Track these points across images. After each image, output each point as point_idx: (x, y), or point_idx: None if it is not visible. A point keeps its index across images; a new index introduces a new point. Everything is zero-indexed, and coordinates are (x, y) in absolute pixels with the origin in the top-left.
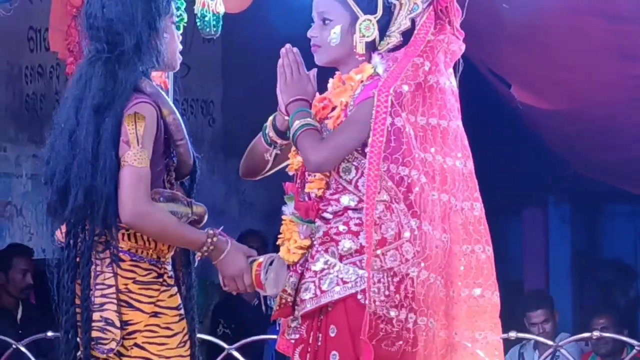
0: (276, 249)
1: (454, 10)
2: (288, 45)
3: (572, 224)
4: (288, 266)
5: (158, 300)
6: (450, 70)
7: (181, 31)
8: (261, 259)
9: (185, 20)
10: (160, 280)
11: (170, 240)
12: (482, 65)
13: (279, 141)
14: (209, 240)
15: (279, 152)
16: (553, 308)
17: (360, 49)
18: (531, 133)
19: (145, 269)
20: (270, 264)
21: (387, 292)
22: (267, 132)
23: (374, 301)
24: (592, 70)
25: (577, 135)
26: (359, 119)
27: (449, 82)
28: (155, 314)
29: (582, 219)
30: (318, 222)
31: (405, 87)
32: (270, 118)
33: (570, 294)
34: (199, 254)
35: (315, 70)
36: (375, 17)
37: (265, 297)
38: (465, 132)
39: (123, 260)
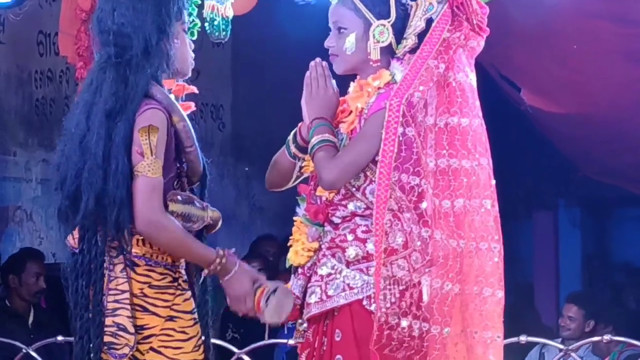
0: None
1: (472, 6)
2: (318, 59)
3: (583, 228)
4: (296, 270)
5: (173, 304)
6: (471, 68)
7: (195, 37)
8: (265, 285)
9: (199, 25)
10: (176, 284)
11: (180, 253)
12: (492, 68)
13: (301, 156)
14: (218, 260)
15: (302, 165)
16: (590, 317)
17: (375, 55)
18: (541, 136)
19: (161, 274)
20: (274, 292)
21: (392, 300)
22: (289, 146)
23: (381, 308)
24: (602, 73)
25: (587, 139)
26: (370, 133)
27: (469, 79)
28: (170, 318)
29: (592, 222)
30: (327, 227)
31: (418, 95)
32: (292, 133)
33: None
34: (206, 270)
35: None
36: (389, 22)
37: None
38: None
39: (138, 265)
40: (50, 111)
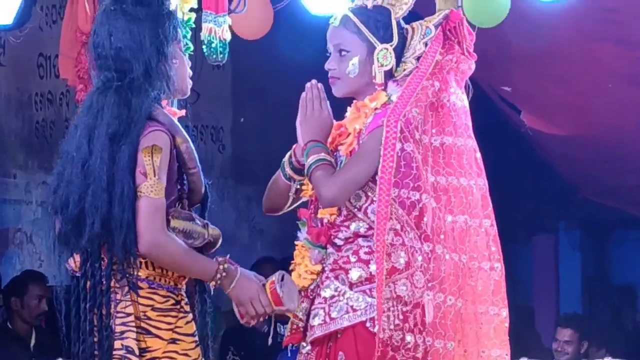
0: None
1: (463, 32)
2: (314, 81)
3: (583, 250)
4: (299, 290)
5: (176, 327)
6: (462, 90)
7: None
8: (272, 277)
9: (192, 49)
10: (178, 307)
11: (184, 270)
12: (492, 91)
13: (296, 177)
14: (221, 267)
15: (299, 187)
16: (584, 338)
17: (380, 78)
18: (541, 159)
19: (164, 296)
20: (282, 279)
21: (396, 322)
22: (285, 168)
23: (384, 329)
24: (602, 95)
25: (587, 161)
26: (369, 150)
27: (460, 101)
28: (173, 341)
29: (592, 244)
30: (329, 249)
31: (416, 111)
32: (287, 155)
33: None
34: (212, 282)
35: None
36: (391, 45)
37: (275, 324)
38: None
39: (141, 288)
40: (51, 134)
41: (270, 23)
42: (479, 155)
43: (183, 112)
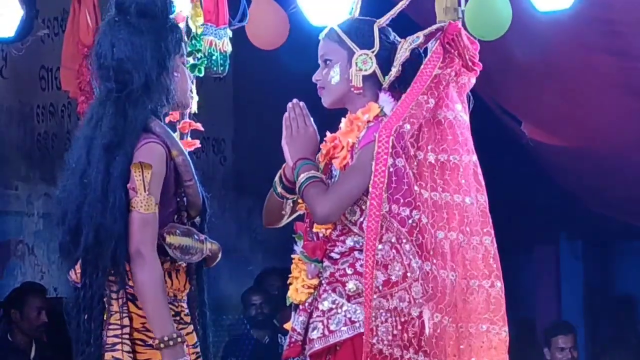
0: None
1: (462, 42)
2: (295, 100)
3: (585, 261)
4: (296, 306)
5: None
6: (462, 105)
7: (202, 74)
8: None
9: (206, 63)
10: (178, 318)
11: (150, 301)
12: (493, 102)
13: (288, 196)
14: (176, 335)
15: (292, 204)
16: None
17: (356, 81)
18: (542, 169)
19: None
20: None
21: (394, 332)
22: (276, 188)
23: (382, 340)
24: (602, 107)
25: (588, 172)
26: (361, 166)
27: (460, 116)
28: None
29: (594, 255)
30: (325, 262)
31: (408, 126)
32: (278, 174)
33: (582, 331)
34: (157, 340)
35: None
36: (372, 52)
37: (277, 336)
38: None
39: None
40: (52, 145)
41: (286, 32)
42: (479, 170)
43: (199, 126)
